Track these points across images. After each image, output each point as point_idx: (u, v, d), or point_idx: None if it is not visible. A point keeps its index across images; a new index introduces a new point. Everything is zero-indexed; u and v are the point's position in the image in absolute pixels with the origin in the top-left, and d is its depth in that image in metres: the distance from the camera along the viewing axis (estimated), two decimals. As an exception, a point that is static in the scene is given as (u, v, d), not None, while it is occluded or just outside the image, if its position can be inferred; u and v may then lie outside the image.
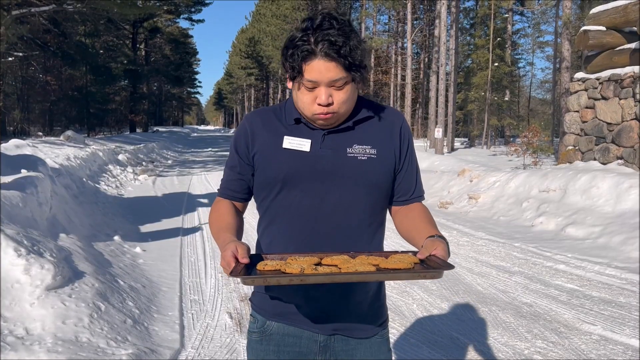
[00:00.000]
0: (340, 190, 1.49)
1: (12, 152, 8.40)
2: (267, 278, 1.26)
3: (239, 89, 78.80)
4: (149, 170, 15.25)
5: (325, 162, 1.49)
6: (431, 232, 1.46)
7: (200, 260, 5.81)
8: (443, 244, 1.38)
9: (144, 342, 3.46)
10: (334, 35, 1.39)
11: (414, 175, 1.62)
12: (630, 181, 7.53)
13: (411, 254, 1.42)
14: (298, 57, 1.41)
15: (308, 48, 1.40)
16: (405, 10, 30.64)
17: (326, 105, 1.43)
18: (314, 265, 1.34)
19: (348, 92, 1.44)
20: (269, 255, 1.46)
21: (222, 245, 1.39)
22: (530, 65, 65.24)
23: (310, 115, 1.47)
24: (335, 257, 1.39)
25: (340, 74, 1.41)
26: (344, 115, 1.50)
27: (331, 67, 1.40)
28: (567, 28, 19.35)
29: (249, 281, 1.24)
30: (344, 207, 1.50)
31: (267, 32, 44.47)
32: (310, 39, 1.40)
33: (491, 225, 8.24)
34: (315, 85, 1.42)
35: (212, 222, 1.57)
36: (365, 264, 1.34)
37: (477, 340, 3.77)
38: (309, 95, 1.45)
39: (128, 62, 35.15)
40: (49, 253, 3.81)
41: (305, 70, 1.42)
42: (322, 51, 1.39)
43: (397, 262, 1.33)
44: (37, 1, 15.30)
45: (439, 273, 1.27)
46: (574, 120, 10.52)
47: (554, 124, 29.14)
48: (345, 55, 1.39)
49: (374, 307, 1.59)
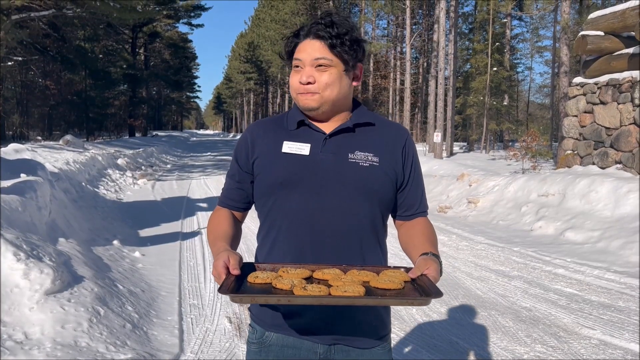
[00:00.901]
0: (340, 196, 1.48)
1: (12, 157, 8.40)
2: (254, 297, 1.26)
3: (238, 94, 78.89)
4: (148, 174, 15.25)
5: (325, 166, 1.48)
6: (425, 249, 1.45)
7: (199, 265, 5.80)
8: (435, 263, 1.38)
9: (143, 347, 3.45)
10: (326, 19, 1.47)
11: (418, 191, 1.62)
12: (629, 185, 7.54)
13: (403, 270, 1.41)
14: (292, 41, 1.51)
15: (302, 32, 1.50)
16: (404, 15, 30.72)
17: (306, 84, 1.46)
18: (304, 279, 1.33)
19: (332, 75, 1.47)
20: (261, 265, 1.45)
21: (215, 253, 1.40)
22: (529, 69, 65.42)
23: (296, 95, 1.51)
24: (326, 271, 1.37)
25: (324, 53, 1.46)
26: (331, 102, 1.50)
27: (316, 45, 1.46)
28: (565, 33, 19.41)
29: (237, 299, 1.23)
30: (343, 213, 1.48)
31: (266, 37, 44.58)
32: (306, 26, 1.51)
33: (490, 229, 8.24)
34: (300, 64, 1.48)
35: (209, 231, 1.58)
36: (356, 281, 1.32)
37: (477, 345, 3.77)
38: (295, 77, 1.50)
39: (127, 67, 35.18)
40: (48, 257, 3.81)
41: (296, 52, 1.50)
42: (312, 32, 1.47)
43: (388, 282, 1.32)
44: (36, 6, 15.33)
45: (426, 301, 1.25)
46: (572, 125, 10.54)
47: (553, 128, 29.17)
48: (330, 33, 1.45)
49: (375, 316, 1.55)
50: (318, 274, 1.38)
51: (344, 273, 1.39)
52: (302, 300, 1.24)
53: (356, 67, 1.52)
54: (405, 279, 1.36)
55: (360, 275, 1.36)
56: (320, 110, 1.50)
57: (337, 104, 1.51)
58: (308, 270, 1.38)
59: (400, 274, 1.38)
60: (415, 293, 1.30)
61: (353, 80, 1.54)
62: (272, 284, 1.30)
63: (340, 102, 1.52)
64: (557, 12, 23.75)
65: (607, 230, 6.88)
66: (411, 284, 1.35)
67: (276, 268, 1.41)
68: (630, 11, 9.30)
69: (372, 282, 1.34)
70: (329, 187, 1.48)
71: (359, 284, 1.31)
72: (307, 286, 1.27)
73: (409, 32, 29.65)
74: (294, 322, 1.49)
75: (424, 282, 1.32)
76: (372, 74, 38.92)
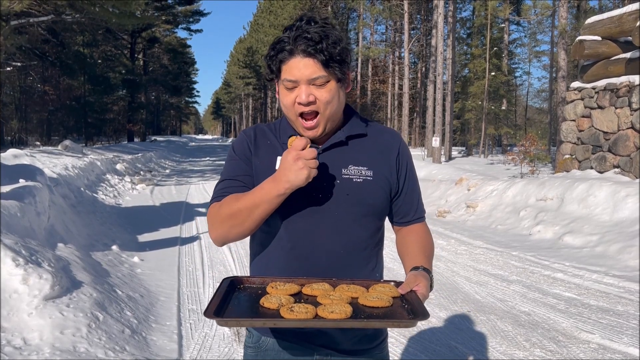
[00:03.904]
0: (336, 212, 1.45)
1: (10, 162, 8.40)
2: (240, 320, 1.25)
3: (237, 99, 78.95)
4: (146, 179, 15.25)
5: (319, 183, 1.43)
6: (417, 263, 1.45)
7: (198, 270, 5.80)
8: (426, 279, 1.37)
9: (142, 352, 3.45)
10: (311, 32, 1.37)
11: (414, 197, 1.60)
12: (627, 190, 7.55)
13: (393, 284, 1.41)
14: (276, 58, 1.41)
15: (286, 47, 1.39)
16: (403, 20, 30.83)
17: (307, 105, 1.38)
18: (292, 296, 1.33)
19: (332, 91, 1.40)
20: (250, 279, 1.44)
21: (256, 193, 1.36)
22: (527, 74, 65.89)
23: (295, 118, 1.43)
24: (315, 287, 1.37)
25: (320, 71, 1.38)
26: (330, 120, 1.45)
27: (309, 63, 1.37)
28: (563, 38, 19.49)
29: (223, 323, 1.22)
30: (339, 229, 1.46)
31: (265, 42, 44.68)
32: (289, 40, 1.39)
33: (489, 234, 8.25)
34: (294, 85, 1.39)
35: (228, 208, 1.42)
36: (344, 298, 1.31)
37: (476, 349, 3.77)
38: (290, 96, 1.41)
39: (126, 72, 35.19)
40: (47, 263, 3.81)
41: (284, 71, 1.40)
42: (299, 49, 1.37)
43: (376, 299, 1.31)
44: (35, 11, 15.36)
45: (412, 323, 1.24)
46: (570, 129, 10.57)
47: (551, 132, 29.26)
48: (322, 50, 1.36)
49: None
50: (307, 289, 1.37)
51: (333, 288, 1.38)
52: (287, 323, 1.23)
53: (346, 75, 1.46)
54: (394, 294, 1.35)
55: (349, 291, 1.35)
56: (320, 135, 1.46)
57: (334, 118, 1.47)
58: (297, 285, 1.38)
59: (389, 289, 1.37)
60: (402, 311, 1.29)
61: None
62: (260, 302, 1.29)
63: (337, 117, 1.48)
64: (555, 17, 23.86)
65: (606, 234, 6.89)
66: (400, 299, 1.35)
67: (266, 282, 1.41)
68: (628, 16, 9.35)
69: (361, 299, 1.33)
70: (324, 206, 1.45)
71: (346, 301, 1.30)
72: (294, 306, 1.25)
73: (407, 37, 29.75)
74: (291, 329, 1.48)
75: (413, 300, 1.31)
76: (371, 79, 39.02)
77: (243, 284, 1.42)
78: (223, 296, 1.30)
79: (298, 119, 1.42)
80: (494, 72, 29.33)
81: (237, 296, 1.36)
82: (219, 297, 1.29)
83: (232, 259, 6.27)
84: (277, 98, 1.50)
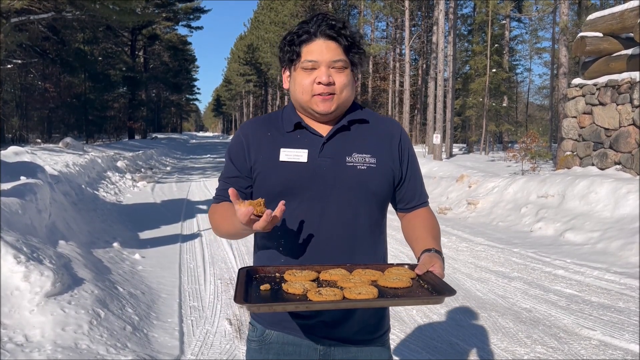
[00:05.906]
0: (340, 200, 1.47)
1: (11, 159, 8.41)
2: (272, 305, 1.25)
3: (238, 96, 78.92)
4: (147, 177, 15.25)
5: (324, 171, 1.47)
6: (428, 245, 1.47)
7: (199, 267, 5.80)
8: (440, 260, 1.40)
9: (143, 349, 3.45)
10: (333, 19, 1.43)
11: (417, 183, 1.63)
12: (628, 186, 7.55)
13: (407, 267, 1.43)
14: (297, 40, 1.44)
15: (308, 30, 1.44)
16: (403, 17, 30.75)
17: (327, 85, 1.42)
18: (312, 281, 1.33)
19: (348, 76, 1.46)
20: (265, 268, 1.44)
21: (230, 222, 1.40)
22: (528, 71, 65.66)
23: (309, 98, 1.45)
24: (333, 272, 1.38)
25: (341, 55, 1.43)
26: (343, 105, 1.49)
27: (332, 46, 1.43)
28: (564, 34, 19.44)
29: (255, 308, 1.25)
30: (344, 217, 1.48)
31: (265, 39, 44.63)
32: (310, 25, 1.44)
33: (490, 230, 8.25)
34: (315, 65, 1.43)
35: (214, 222, 1.55)
36: (365, 281, 1.32)
37: (477, 346, 3.77)
38: (309, 77, 1.44)
39: (127, 69, 35.18)
40: (49, 260, 3.81)
41: (305, 52, 1.44)
42: (322, 32, 1.42)
43: (396, 280, 1.33)
44: (36, 9, 15.35)
45: (440, 299, 1.27)
46: (571, 126, 10.55)
47: (552, 129, 29.22)
48: (345, 35, 1.42)
49: (375, 317, 1.56)
50: (325, 275, 1.38)
51: (349, 272, 1.39)
52: (320, 306, 1.24)
53: (359, 68, 1.51)
54: (411, 276, 1.38)
55: (367, 275, 1.37)
56: (334, 114, 1.49)
57: (346, 104, 1.51)
58: (314, 272, 1.39)
59: (405, 272, 1.39)
60: (423, 291, 1.31)
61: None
62: (284, 288, 1.29)
63: (347, 104, 1.52)
64: (556, 14, 23.78)
65: (607, 231, 6.89)
66: (417, 280, 1.37)
67: (280, 270, 1.41)
68: (629, 12, 9.32)
69: (381, 281, 1.34)
70: (329, 194, 1.47)
71: (368, 284, 1.32)
72: (321, 290, 1.26)
73: (408, 34, 29.68)
74: (295, 321, 1.50)
75: (433, 280, 1.33)
76: (372, 76, 38.95)
77: (258, 274, 1.42)
78: (245, 285, 1.30)
79: (313, 97, 1.45)
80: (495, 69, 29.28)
81: (257, 285, 1.36)
82: (242, 285, 1.29)
83: (232, 255, 6.28)
84: (289, 96, 1.53)
